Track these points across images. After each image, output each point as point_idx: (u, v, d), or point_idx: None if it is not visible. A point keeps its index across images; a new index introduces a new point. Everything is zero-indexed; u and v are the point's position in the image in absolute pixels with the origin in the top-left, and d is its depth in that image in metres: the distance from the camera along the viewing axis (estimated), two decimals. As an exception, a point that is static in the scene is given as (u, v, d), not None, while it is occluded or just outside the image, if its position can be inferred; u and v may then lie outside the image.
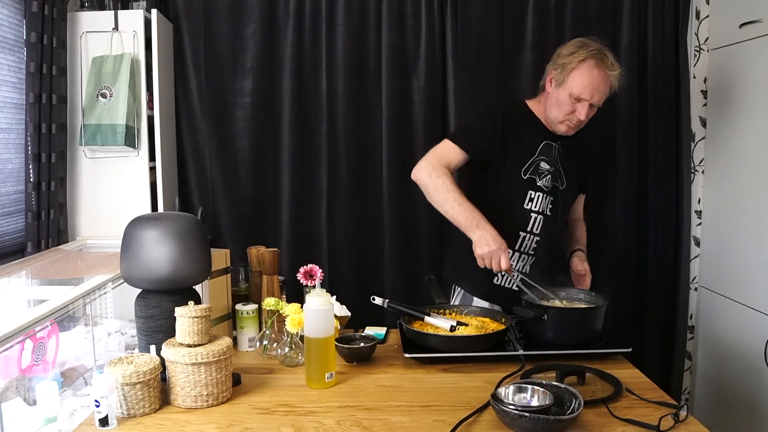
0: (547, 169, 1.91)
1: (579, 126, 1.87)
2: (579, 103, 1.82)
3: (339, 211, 2.67)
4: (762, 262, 2.26)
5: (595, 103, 1.82)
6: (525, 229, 1.92)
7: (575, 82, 1.81)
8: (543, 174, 1.91)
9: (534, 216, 1.92)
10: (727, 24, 2.46)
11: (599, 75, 1.79)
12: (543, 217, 1.92)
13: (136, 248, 1.42)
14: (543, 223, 1.93)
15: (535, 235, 1.93)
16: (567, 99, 1.82)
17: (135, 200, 2.44)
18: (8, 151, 2.14)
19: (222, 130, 2.65)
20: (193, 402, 1.35)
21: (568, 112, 1.84)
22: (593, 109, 1.84)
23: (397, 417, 1.31)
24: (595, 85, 1.80)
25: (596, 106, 1.84)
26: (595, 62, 1.80)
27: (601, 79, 1.80)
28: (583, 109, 1.82)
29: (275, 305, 1.63)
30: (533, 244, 1.93)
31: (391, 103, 2.61)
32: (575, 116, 1.84)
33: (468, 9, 2.58)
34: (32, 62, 2.11)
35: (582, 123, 1.86)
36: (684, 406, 1.30)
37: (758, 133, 2.29)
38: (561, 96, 1.84)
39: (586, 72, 1.80)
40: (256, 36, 2.60)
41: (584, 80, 1.79)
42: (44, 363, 1.61)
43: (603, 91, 1.82)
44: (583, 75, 1.80)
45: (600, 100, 1.83)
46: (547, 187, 1.92)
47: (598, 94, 1.81)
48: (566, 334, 1.65)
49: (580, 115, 1.83)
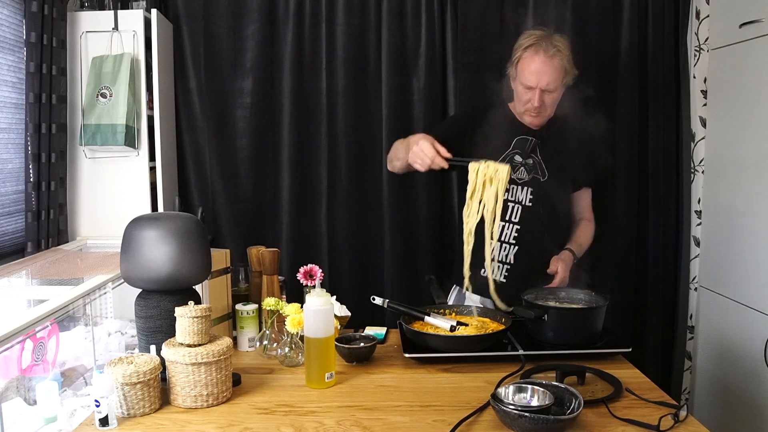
0: (521, 161, 1.97)
1: (540, 113, 1.92)
2: (531, 91, 1.88)
3: (339, 211, 2.67)
4: (762, 262, 2.26)
5: (546, 87, 1.86)
6: (504, 218, 1.96)
7: (523, 72, 1.88)
8: (516, 167, 1.97)
9: (511, 205, 1.97)
10: (727, 24, 2.46)
11: (541, 60, 1.85)
12: (521, 207, 1.97)
13: (136, 248, 1.42)
14: (521, 212, 1.97)
15: (515, 224, 1.97)
16: (521, 89, 1.91)
17: (135, 200, 2.44)
18: (8, 151, 2.14)
19: (222, 130, 2.65)
20: (193, 402, 1.35)
21: (524, 101, 1.91)
22: (550, 94, 1.89)
23: (397, 417, 1.31)
24: (540, 70, 1.84)
25: (552, 92, 1.88)
26: (535, 48, 1.86)
27: (544, 63, 1.84)
28: (534, 96, 1.87)
29: (275, 305, 1.63)
30: (513, 232, 1.97)
31: (391, 103, 2.61)
32: (531, 104, 1.89)
33: (468, 9, 2.58)
34: (32, 62, 2.11)
35: (540, 109, 1.91)
36: (684, 406, 1.29)
37: (758, 133, 2.29)
38: (518, 88, 1.93)
39: (529, 59, 1.87)
40: (256, 36, 2.60)
41: (528, 67, 1.86)
42: (44, 363, 1.61)
43: (549, 73, 1.85)
44: (527, 63, 1.87)
45: (549, 84, 1.86)
46: (521, 178, 1.97)
47: (545, 78, 1.85)
48: (566, 334, 1.65)
49: (534, 102, 1.88)
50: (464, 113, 2.06)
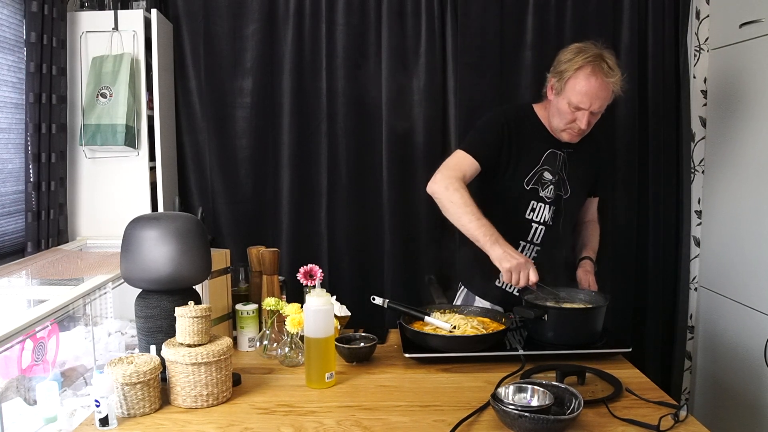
0: (550, 179, 1.89)
1: (582, 134, 1.84)
2: (579, 112, 1.78)
3: (339, 211, 2.67)
4: (762, 262, 2.26)
5: (595, 110, 1.78)
6: (525, 238, 1.92)
7: (573, 91, 1.76)
8: (546, 185, 1.88)
9: (535, 226, 1.91)
10: (727, 24, 2.46)
11: (597, 83, 1.73)
12: (544, 228, 1.91)
13: (136, 248, 1.42)
14: (544, 233, 1.92)
15: (536, 245, 1.93)
16: (567, 108, 1.78)
17: (135, 200, 2.44)
18: (8, 151, 2.14)
19: (222, 130, 2.65)
20: (193, 402, 1.35)
21: (568, 120, 1.80)
22: (595, 116, 1.80)
23: (397, 417, 1.31)
24: (594, 93, 1.74)
25: (598, 114, 1.80)
26: (592, 69, 1.74)
27: (599, 87, 1.74)
28: (583, 117, 1.78)
29: (275, 305, 1.63)
30: (533, 253, 1.93)
31: (391, 103, 2.61)
32: (576, 125, 1.80)
33: (468, 9, 2.58)
34: (32, 62, 2.11)
35: (584, 131, 1.83)
36: (684, 406, 1.29)
37: (758, 133, 2.29)
38: (561, 105, 1.80)
39: (584, 80, 1.74)
40: (256, 36, 2.60)
41: (582, 89, 1.74)
42: (44, 363, 1.61)
43: (603, 98, 1.76)
44: (581, 83, 1.74)
45: (601, 108, 1.78)
46: (549, 197, 1.89)
47: (597, 102, 1.76)
48: (566, 334, 1.65)
49: (581, 124, 1.79)
50: (498, 124, 1.87)
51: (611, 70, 1.75)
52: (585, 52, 1.76)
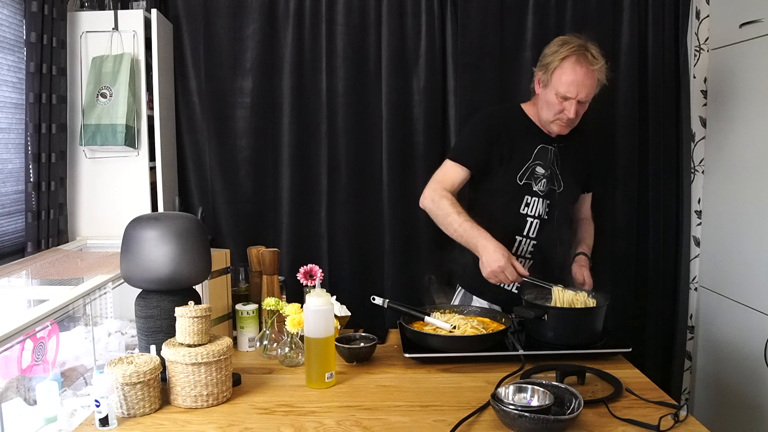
0: (543, 173, 1.91)
1: (571, 124, 1.88)
2: (566, 102, 1.82)
3: (339, 211, 2.67)
4: (762, 262, 2.26)
5: (582, 99, 1.82)
6: (521, 233, 1.93)
7: (560, 81, 1.81)
8: (539, 179, 1.91)
9: (530, 220, 1.93)
10: (727, 24, 2.46)
11: (582, 71, 1.79)
12: (539, 221, 1.93)
13: (136, 248, 1.42)
14: (539, 226, 1.94)
15: (532, 239, 1.94)
16: (554, 98, 1.83)
17: (135, 200, 2.44)
18: (8, 151, 2.14)
19: (222, 130, 2.65)
20: (193, 402, 1.35)
21: (557, 111, 1.84)
22: (583, 105, 1.84)
23: (397, 417, 1.31)
24: (580, 81, 1.79)
25: (585, 102, 1.84)
26: (576, 58, 1.79)
27: (585, 75, 1.79)
28: (571, 106, 1.82)
29: (275, 305, 1.63)
30: (530, 247, 1.94)
31: (391, 103, 2.61)
32: (564, 115, 1.84)
33: (468, 9, 2.58)
34: (32, 62, 2.11)
35: (573, 121, 1.86)
36: (684, 406, 1.30)
37: (758, 133, 2.29)
38: (549, 96, 1.85)
39: (569, 69, 1.79)
40: (256, 36, 2.60)
41: (568, 78, 1.79)
42: (44, 363, 1.61)
43: (589, 86, 1.81)
44: (567, 73, 1.80)
45: (587, 96, 1.83)
46: (542, 191, 1.92)
47: (584, 90, 1.80)
48: (566, 334, 1.65)
49: (569, 113, 1.82)
50: (483, 127, 1.93)
51: (595, 58, 1.81)
52: (569, 43, 1.82)
